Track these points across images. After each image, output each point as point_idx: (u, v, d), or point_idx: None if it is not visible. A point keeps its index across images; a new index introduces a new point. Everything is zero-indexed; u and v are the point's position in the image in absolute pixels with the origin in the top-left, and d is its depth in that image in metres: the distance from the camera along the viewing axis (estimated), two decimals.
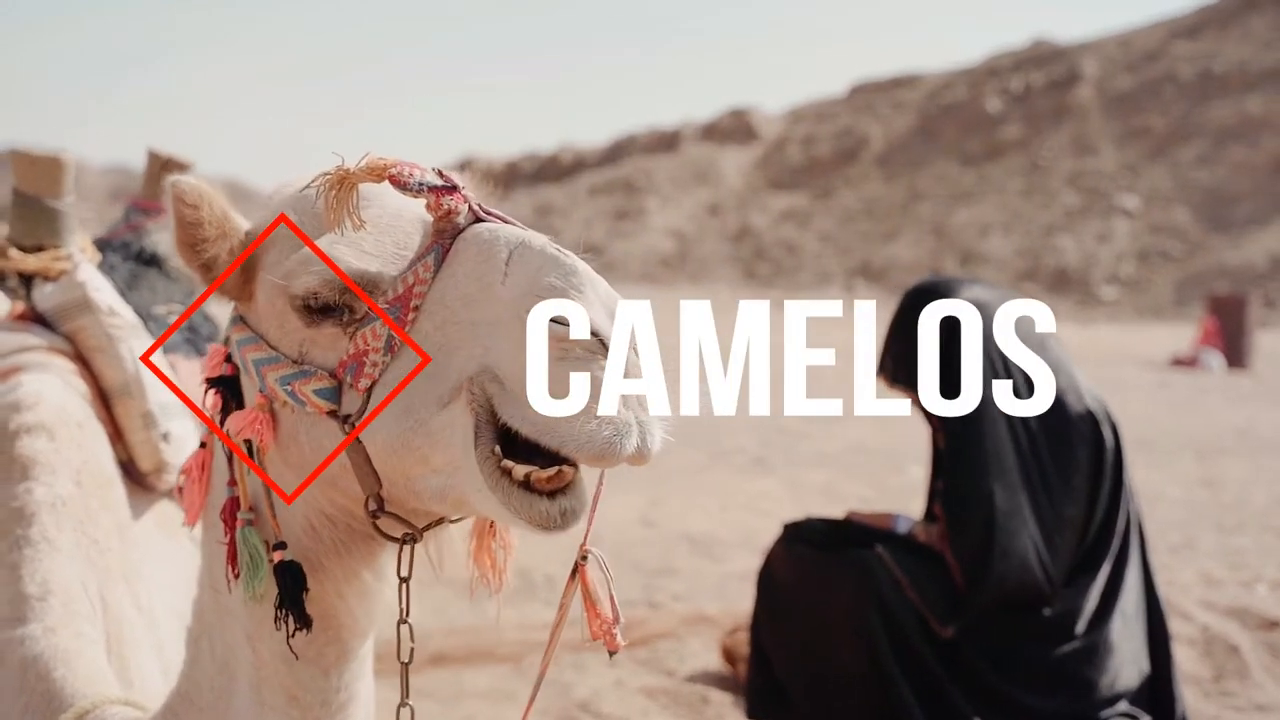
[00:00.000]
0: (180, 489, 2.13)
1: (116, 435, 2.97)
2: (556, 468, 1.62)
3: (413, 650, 1.99)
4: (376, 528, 1.88)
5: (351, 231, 1.81)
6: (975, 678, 4.04)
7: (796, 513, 9.20)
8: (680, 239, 44.11)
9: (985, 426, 4.06)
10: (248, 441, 1.94)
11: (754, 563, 7.79)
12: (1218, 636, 5.90)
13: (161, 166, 3.78)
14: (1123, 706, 4.14)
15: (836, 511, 4.96)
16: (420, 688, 5.31)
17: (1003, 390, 4.11)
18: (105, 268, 3.56)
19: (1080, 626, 4.13)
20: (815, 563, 4.23)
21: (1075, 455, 4.15)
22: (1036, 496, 4.08)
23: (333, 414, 1.82)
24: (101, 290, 3.22)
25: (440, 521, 1.92)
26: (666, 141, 53.76)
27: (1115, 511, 4.25)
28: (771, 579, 4.43)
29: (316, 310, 1.83)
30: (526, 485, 1.64)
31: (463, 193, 1.76)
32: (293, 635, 1.92)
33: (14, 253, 3.81)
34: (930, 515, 4.46)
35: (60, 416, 2.94)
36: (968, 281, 4.39)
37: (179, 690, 2.15)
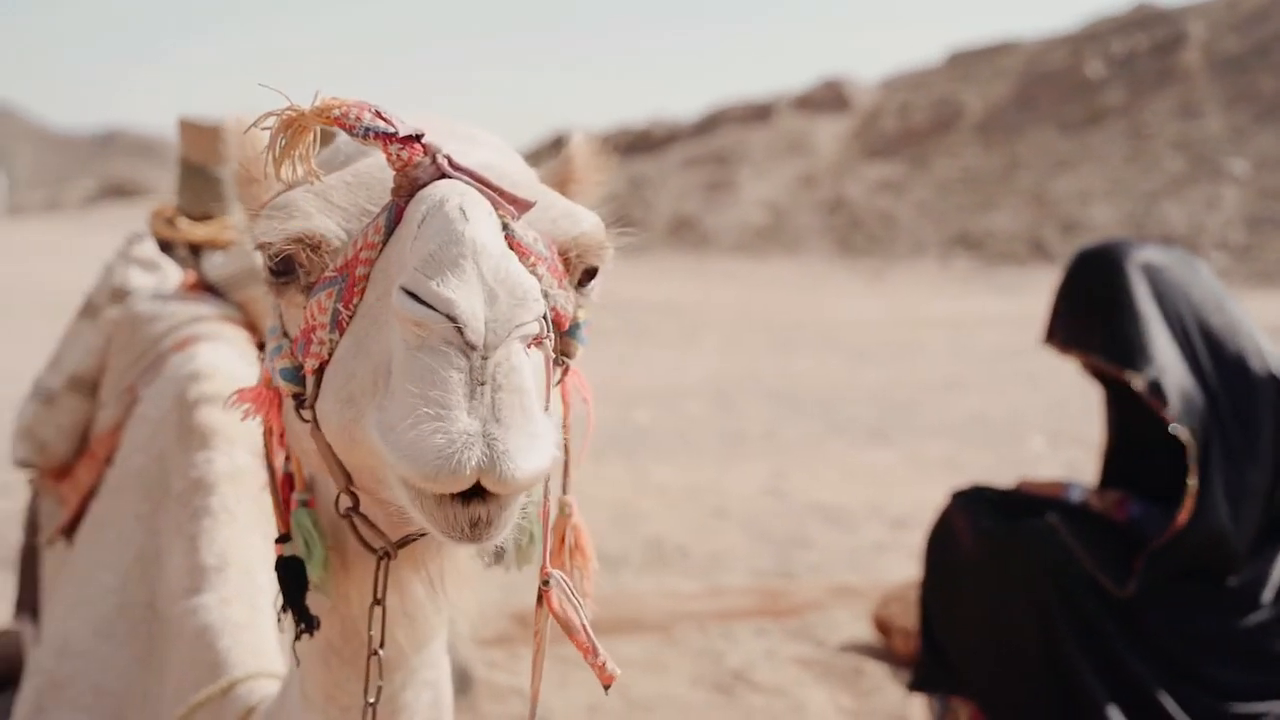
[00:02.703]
0: None
1: None
2: None
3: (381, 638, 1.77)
4: (359, 536, 1.72)
5: (322, 182, 1.60)
6: (1156, 649, 3.93)
7: (921, 484, 9.15)
8: (774, 210, 43.72)
9: (1172, 388, 3.94)
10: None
11: (886, 534, 7.74)
12: None
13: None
14: None
15: (960, 481, 4.87)
16: (571, 656, 5.32)
17: (1187, 350, 3.99)
18: None
19: (1267, 596, 4.00)
20: (987, 531, 4.13)
21: (1259, 419, 4.01)
22: (1224, 460, 3.96)
23: (296, 397, 1.64)
24: None
25: (426, 535, 1.67)
26: (759, 113, 53.25)
27: None
28: (941, 548, 4.34)
29: (278, 272, 1.64)
30: None
31: (424, 143, 1.51)
32: (298, 637, 1.81)
33: (182, 222, 3.84)
34: (1105, 483, 4.36)
35: (237, 386, 2.98)
36: (1139, 243, 4.27)
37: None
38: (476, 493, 1.38)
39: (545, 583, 1.56)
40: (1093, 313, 4.08)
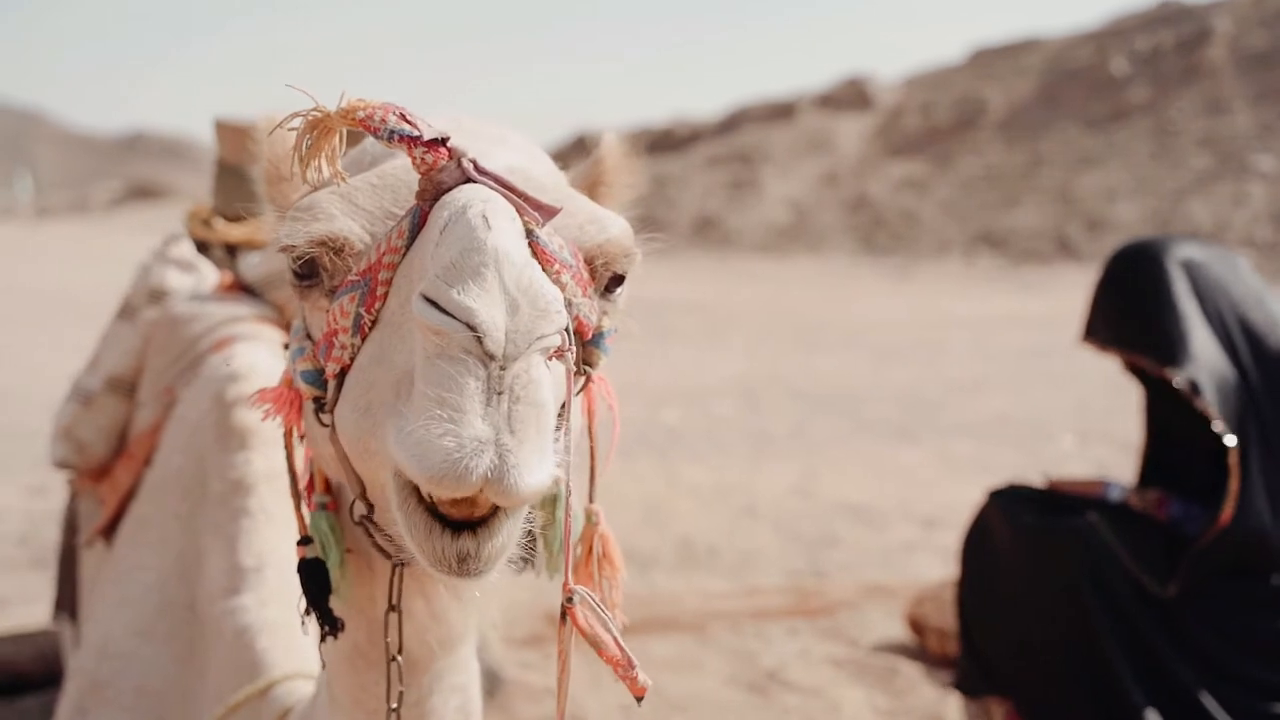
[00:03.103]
0: None
1: None
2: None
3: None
4: (374, 543, 1.69)
5: (348, 183, 1.58)
6: (1197, 649, 3.89)
7: (950, 483, 9.12)
8: (797, 209, 43.65)
9: (1212, 385, 3.90)
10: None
11: (916, 533, 7.71)
12: None
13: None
14: None
15: (991, 481, 4.83)
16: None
17: (1227, 347, 3.95)
18: None
19: None
20: (1026, 530, 4.10)
21: None
22: (1265, 458, 3.92)
23: (317, 401, 1.61)
24: None
25: None
26: (782, 112, 53.18)
27: None
28: (980, 547, 4.30)
29: (302, 274, 1.62)
30: (434, 510, 1.38)
31: (449, 146, 1.48)
32: (323, 639, 1.79)
33: (219, 223, 3.85)
34: (1144, 481, 4.32)
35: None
36: (1178, 239, 4.23)
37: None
38: (466, 525, 1.36)
39: (569, 600, 1.50)
40: (1133, 310, 4.04)
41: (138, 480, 3.27)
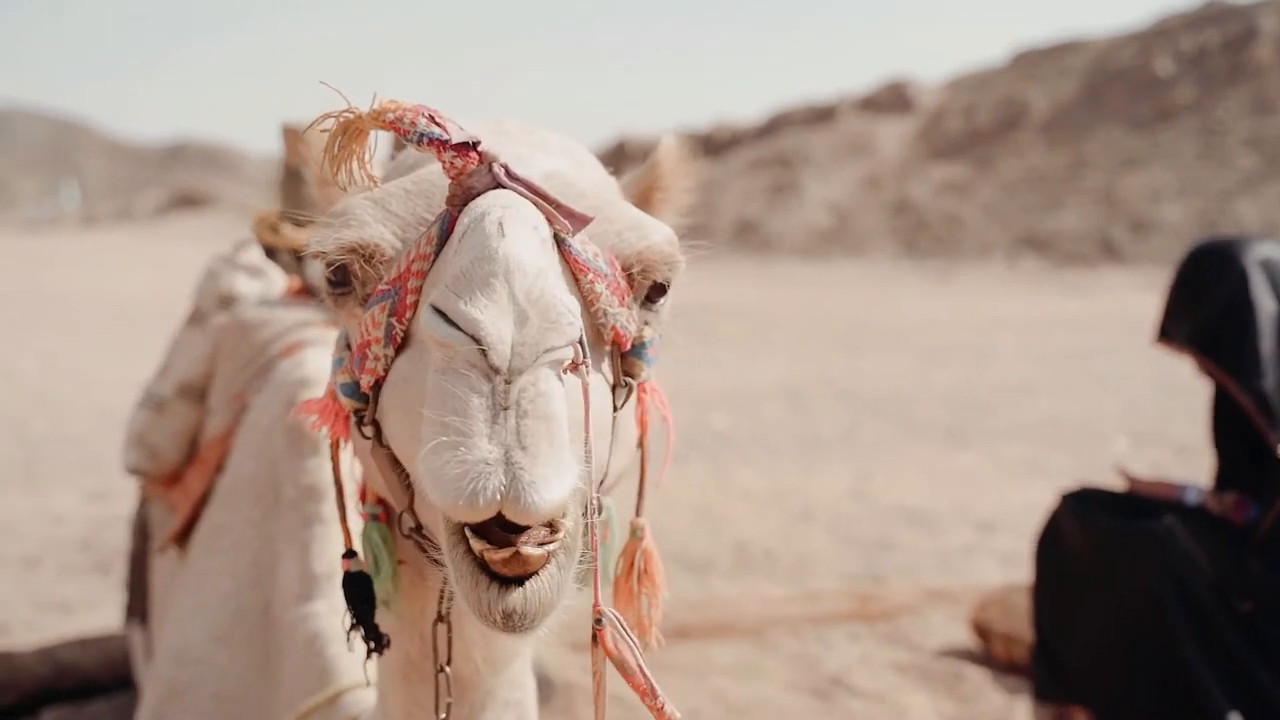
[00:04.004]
0: None
1: None
2: (514, 549, 1.28)
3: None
4: (427, 555, 1.63)
5: (383, 188, 1.54)
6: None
7: (1005, 486, 9.05)
8: (838, 213, 43.52)
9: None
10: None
11: (973, 537, 7.64)
12: None
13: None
14: None
15: (1047, 484, 4.76)
16: (666, 661, 5.30)
17: None
18: None
19: None
20: (1102, 533, 4.03)
21: None
22: None
23: (357, 413, 1.56)
24: None
25: None
26: (822, 116, 53.09)
27: None
28: (1053, 550, 4.24)
29: (336, 281, 1.57)
30: (484, 564, 1.31)
31: (479, 150, 1.43)
32: (368, 656, 1.75)
33: (286, 228, 3.85)
34: (1220, 485, 4.25)
35: None
36: (1255, 238, 4.16)
37: None
38: (518, 578, 1.30)
39: (598, 621, 1.43)
40: (1205, 313, 3.97)
41: (210, 486, 3.27)
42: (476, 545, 1.29)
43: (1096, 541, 4.03)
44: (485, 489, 1.21)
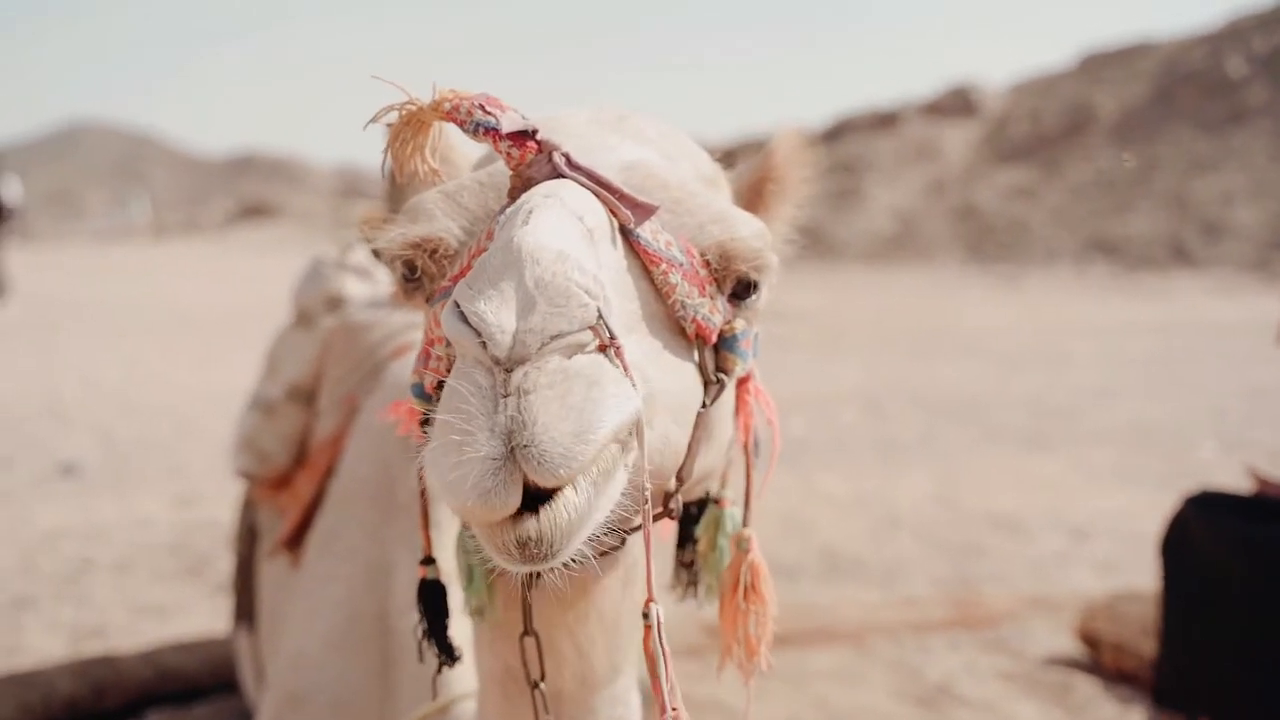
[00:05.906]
0: None
1: None
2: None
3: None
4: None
5: (458, 181, 1.50)
6: None
7: (1095, 492, 8.87)
8: (902, 219, 43.22)
9: None
10: None
11: (1066, 544, 7.49)
12: None
13: None
14: None
15: (1137, 491, 4.60)
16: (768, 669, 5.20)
17: None
18: None
19: None
20: (1241, 541, 3.86)
21: None
22: None
23: (424, 415, 1.46)
24: None
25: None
26: (886, 121, 52.74)
27: None
28: (1182, 557, 4.07)
29: (407, 279, 1.52)
30: None
31: (538, 140, 1.37)
32: (439, 670, 1.70)
33: None
34: None
35: None
36: None
37: None
38: (528, 504, 1.22)
39: (646, 615, 1.37)
40: None
41: (320, 490, 3.24)
42: None
43: (1231, 548, 3.87)
44: (492, 487, 1.17)
